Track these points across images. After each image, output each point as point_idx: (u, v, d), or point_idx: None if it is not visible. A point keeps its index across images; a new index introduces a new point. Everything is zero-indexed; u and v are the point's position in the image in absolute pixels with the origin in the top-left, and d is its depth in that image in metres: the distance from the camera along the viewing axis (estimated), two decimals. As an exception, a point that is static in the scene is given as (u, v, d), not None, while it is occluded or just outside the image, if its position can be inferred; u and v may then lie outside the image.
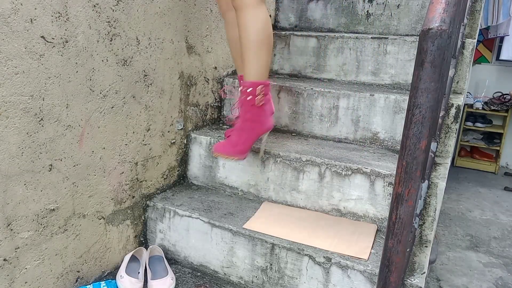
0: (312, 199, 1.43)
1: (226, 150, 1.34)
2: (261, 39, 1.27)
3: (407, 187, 0.79)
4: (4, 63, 0.95)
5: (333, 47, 1.80)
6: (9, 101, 0.98)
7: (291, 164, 1.44)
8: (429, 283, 1.93)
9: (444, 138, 1.38)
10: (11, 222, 1.04)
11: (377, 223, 1.35)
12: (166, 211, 1.46)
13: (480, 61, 3.93)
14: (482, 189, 3.39)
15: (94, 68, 1.18)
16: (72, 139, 1.16)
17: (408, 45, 1.66)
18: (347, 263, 1.16)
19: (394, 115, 1.50)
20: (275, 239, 1.28)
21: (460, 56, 1.51)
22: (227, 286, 1.37)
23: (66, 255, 1.22)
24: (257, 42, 1.27)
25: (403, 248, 0.83)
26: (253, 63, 1.29)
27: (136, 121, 1.38)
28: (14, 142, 1.01)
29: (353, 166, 1.34)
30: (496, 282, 1.97)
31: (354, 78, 1.79)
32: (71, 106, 1.14)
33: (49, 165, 1.11)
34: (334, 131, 1.62)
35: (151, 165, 1.49)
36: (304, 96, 1.64)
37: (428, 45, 0.72)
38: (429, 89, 0.73)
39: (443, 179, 1.21)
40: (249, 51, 1.28)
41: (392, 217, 0.82)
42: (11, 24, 0.95)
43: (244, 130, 1.34)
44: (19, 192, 1.05)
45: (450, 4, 0.75)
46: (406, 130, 0.77)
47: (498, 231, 2.57)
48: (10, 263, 1.06)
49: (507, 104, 3.70)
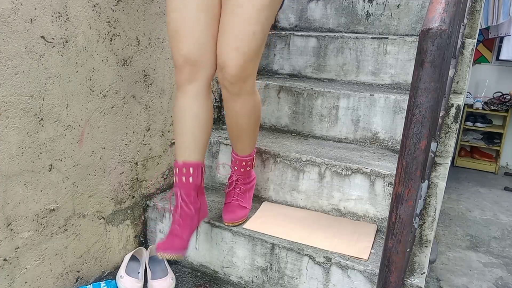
0: (312, 199, 1.43)
1: (241, 215, 1.36)
2: (258, 122, 1.30)
3: (407, 187, 0.79)
4: (4, 63, 0.95)
5: (333, 47, 1.80)
6: (9, 101, 0.98)
7: (291, 164, 1.44)
8: (429, 283, 1.93)
9: (444, 138, 1.38)
10: (11, 222, 1.04)
11: (377, 223, 1.35)
12: (166, 211, 1.46)
13: (480, 61, 3.93)
14: (482, 189, 3.39)
15: (94, 68, 1.18)
16: (72, 139, 1.16)
17: (408, 45, 1.66)
18: (347, 263, 1.16)
19: (394, 115, 1.50)
20: (275, 239, 1.28)
21: (460, 56, 1.51)
22: (227, 286, 1.37)
23: (66, 255, 1.22)
24: (255, 126, 1.29)
25: (403, 248, 0.83)
26: (249, 141, 1.31)
27: (136, 121, 1.38)
28: (14, 142, 1.01)
29: (353, 166, 1.34)
30: (496, 282, 1.97)
31: (354, 78, 1.79)
32: (71, 106, 1.14)
33: (49, 165, 1.11)
34: (334, 131, 1.62)
35: (151, 165, 1.49)
36: (304, 96, 1.64)
37: (428, 45, 0.71)
38: (429, 89, 0.73)
39: (443, 179, 1.21)
40: (247, 133, 1.28)
41: (392, 217, 0.82)
42: (11, 24, 0.95)
43: (248, 191, 1.40)
44: (19, 192, 1.05)
45: (450, 4, 0.75)
46: (406, 130, 0.77)
47: (498, 231, 2.57)
48: (10, 263, 1.06)
49: (507, 104, 3.70)
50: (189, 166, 1.17)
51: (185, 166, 1.17)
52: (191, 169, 1.18)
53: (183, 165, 1.18)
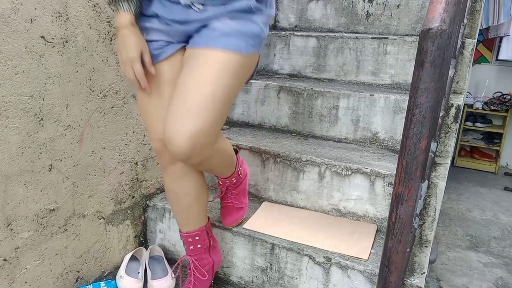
0: (312, 199, 1.43)
1: (238, 217, 1.33)
2: (232, 159, 1.22)
3: (407, 187, 0.79)
4: (4, 63, 0.95)
5: (333, 47, 1.80)
6: (9, 101, 0.98)
7: (291, 164, 1.44)
8: (429, 283, 1.93)
9: (444, 138, 1.38)
10: (11, 222, 1.04)
11: (377, 223, 1.35)
12: (166, 211, 1.46)
13: (480, 61, 3.92)
14: (482, 189, 3.39)
15: (94, 68, 1.18)
16: (72, 139, 1.16)
17: (408, 45, 1.66)
18: (347, 263, 1.16)
19: (394, 115, 1.50)
20: (275, 239, 1.27)
21: (460, 56, 1.51)
22: (227, 286, 1.36)
23: (66, 255, 1.22)
24: (228, 163, 1.20)
25: (403, 248, 0.83)
26: (226, 169, 1.21)
27: (136, 121, 1.38)
28: (14, 142, 1.01)
29: (353, 166, 1.34)
30: (496, 282, 1.97)
31: (354, 78, 1.79)
32: (71, 106, 1.14)
33: (49, 165, 1.11)
34: (334, 131, 1.62)
35: (151, 165, 1.49)
36: (304, 96, 1.64)
37: (428, 45, 0.71)
38: (429, 89, 0.73)
39: (443, 179, 1.21)
40: (219, 172, 1.20)
41: (392, 217, 0.82)
42: (11, 24, 0.95)
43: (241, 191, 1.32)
44: (19, 192, 1.05)
45: (450, 4, 0.75)
46: (406, 130, 0.77)
47: (498, 231, 2.57)
48: (10, 263, 1.06)
49: (507, 104, 3.70)
50: (194, 235, 1.17)
51: (190, 236, 1.17)
52: (197, 237, 1.17)
53: (187, 235, 1.17)
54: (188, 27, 0.98)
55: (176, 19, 0.97)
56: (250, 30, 0.95)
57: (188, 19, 0.96)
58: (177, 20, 0.97)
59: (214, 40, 0.94)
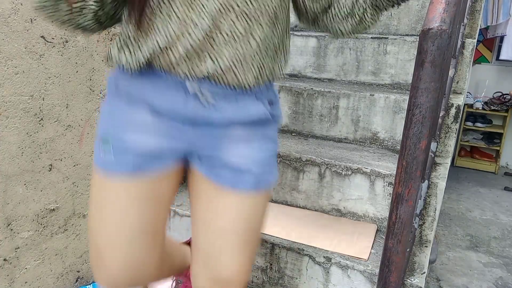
0: (312, 199, 1.43)
1: None
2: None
3: (407, 187, 0.79)
4: (4, 63, 0.95)
5: (333, 47, 1.80)
6: (9, 101, 0.98)
7: (291, 164, 1.44)
8: (429, 283, 1.93)
9: (444, 138, 1.38)
10: (11, 222, 1.04)
11: (377, 223, 1.35)
12: (166, 211, 1.46)
13: (480, 61, 3.93)
14: (482, 189, 3.39)
15: (94, 68, 1.18)
16: (72, 139, 1.16)
17: (408, 45, 1.66)
18: (347, 263, 1.16)
19: (394, 115, 1.50)
20: (275, 239, 1.27)
21: (460, 56, 1.51)
22: (227, 286, 1.36)
23: (66, 255, 1.22)
24: None
25: (403, 248, 0.83)
26: None
27: (136, 121, 1.37)
28: (14, 142, 1.01)
29: (353, 166, 1.34)
30: (496, 282, 1.97)
31: (354, 78, 1.79)
32: (71, 106, 1.14)
33: (49, 165, 1.11)
34: (334, 131, 1.62)
35: (151, 165, 1.49)
36: (304, 96, 1.64)
37: (428, 45, 0.71)
38: (429, 89, 0.73)
39: (443, 179, 1.21)
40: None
41: (392, 217, 0.82)
42: (11, 24, 0.95)
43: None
44: (19, 192, 1.05)
45: (450, 4, 0.75)
46: (406, 130, 0.77)
47: (498, 231, 2.57)
48: (10, 263, 1.06)
49: (507, 104, 3.70)
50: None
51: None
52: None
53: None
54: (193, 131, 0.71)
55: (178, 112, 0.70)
56: (274, 152, 0.79)
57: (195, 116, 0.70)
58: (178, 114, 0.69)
59: (241, 180, 0.74)
